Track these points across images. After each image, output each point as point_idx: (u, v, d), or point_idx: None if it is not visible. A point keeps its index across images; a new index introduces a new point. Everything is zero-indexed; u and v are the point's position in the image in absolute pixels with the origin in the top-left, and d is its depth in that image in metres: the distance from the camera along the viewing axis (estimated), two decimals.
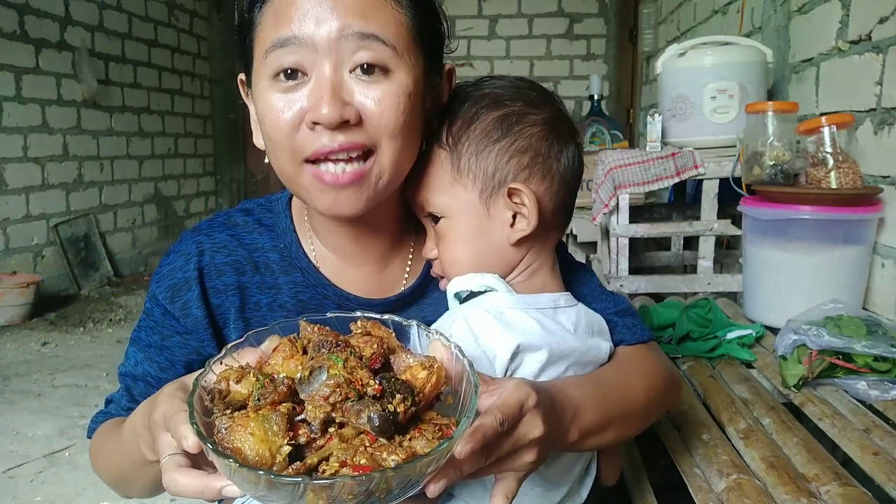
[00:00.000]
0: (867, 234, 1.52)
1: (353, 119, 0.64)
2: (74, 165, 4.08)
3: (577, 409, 0.66)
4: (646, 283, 2.02)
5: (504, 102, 0.73)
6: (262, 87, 0.67)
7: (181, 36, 5.32)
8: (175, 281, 0.76)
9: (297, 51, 0.64)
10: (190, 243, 0.78)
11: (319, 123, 0.64)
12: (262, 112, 0.68)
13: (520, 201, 0.71)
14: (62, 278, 3.90)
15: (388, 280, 0.81)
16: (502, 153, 0.71)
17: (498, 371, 0.65)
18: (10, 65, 3.55)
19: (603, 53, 5.39)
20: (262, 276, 0.77)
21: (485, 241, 0.72)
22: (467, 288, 0.72)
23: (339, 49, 0.64)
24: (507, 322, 0.67)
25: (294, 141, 0.66)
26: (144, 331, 0.79)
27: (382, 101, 0.65)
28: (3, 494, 1.78)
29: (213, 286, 0.76)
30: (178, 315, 0.76)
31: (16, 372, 2.69)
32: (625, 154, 2.04)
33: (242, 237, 0.78)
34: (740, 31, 2.48)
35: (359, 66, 0.65)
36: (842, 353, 1.22)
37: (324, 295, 0.78)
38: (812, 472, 0.92)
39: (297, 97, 0.65)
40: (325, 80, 0.64)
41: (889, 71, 1.51)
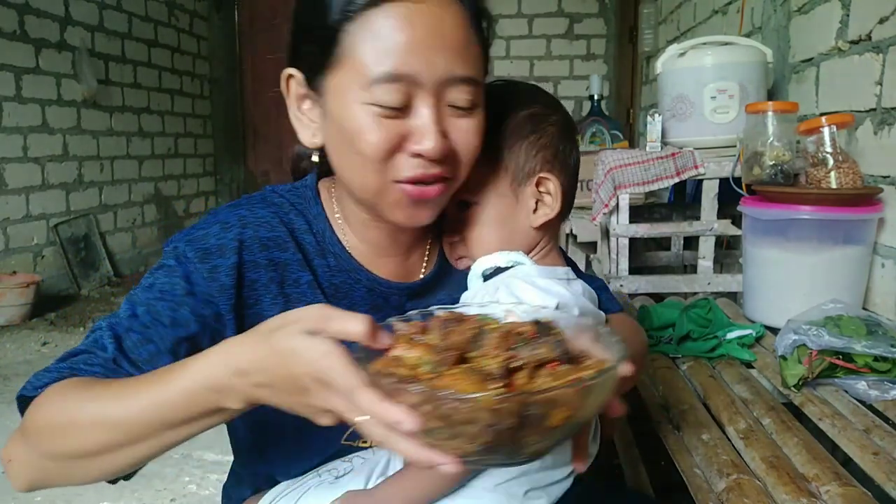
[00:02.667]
0: (867, 234, 1.52)
1: (448, 153, 0.71)
2: (74, 165, 4.08)
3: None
4: (646, 283, 2.02)
5: (528, 104, 0.82)
6: (353, 102, 0.69)
7: (181, 36, 5.33)
8: (209, 245, 0.74)
9: (405, 88, 0.68)
10: (230, 215, 0.77)
11: (422, 156, 0.69)
12: (354, 129, 0.69)
13: (545, 190, 0.81)
14: (62, 278, 3.90)
15: (410, 268, 0.87)
16: (531, 147, 0.80)
17: None
18: (10, 65, 3.55)
19: (603, 53, 5.38)
20: (302, 254, 0.79)
21: (512, 224, 0.81)
22: (495, 264, 0.79)
23: (441, 88, 0.69)
24: (541, 287, 0.75)
25: (388, 164, 0.70)
26: (158, 281, 0.73)
27: (469, 134, 0.72)
28: (3, 494, 1.78)
29: (253, 260, 0.76)
30: (204, 276, 0.73)
31: (16, 372, 2.69)
32: (625, 154, 2.04)
33: (281, 215, 0.80)
34: (740, 31, 2.48)
35: (455, 105, 0.71)
36: (842, 353, 1.22)
37: (355, 279, 0.81)
38: (812, 472, 0.92)
39: (397, 125, 0.69)
40: (430, 116, 0.69)
41: (889, 71, 1.51)
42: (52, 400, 0.65)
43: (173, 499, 1.76)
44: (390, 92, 0.67)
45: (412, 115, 0.69)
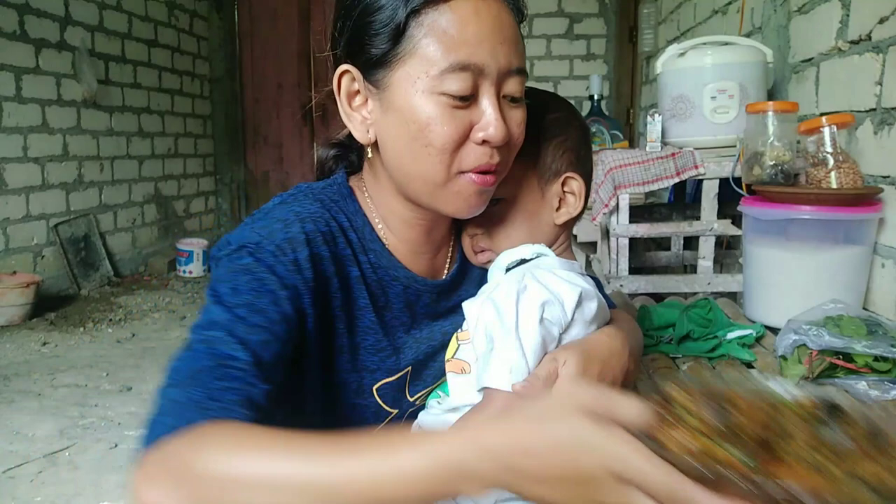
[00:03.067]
0: (867, 234, 1.52)
1: (508, 140, 0.75)
2: (74, 165, 4.08)
3: (629, 345, 0.80)
4: (646, 283, 2.02)
5: (553, 107, 0.87)
6: (423, 97, 0.71)
7: (181, 36, 5.32)
8: (279, 242, 0.71)
9: (473, 78, 0.71)
10: (284, 212, 0.75)
11: (489, 142, 0.73)
12: (424, 120, 0.71)
13: (569, 189, 0.85)
14: (62, 278, 3.90)
15: (438, 265, 0.90)
16: (558, 148, 0.85)
17: (568, 314, 0.76)
18: (10, 65, 3.55)
19: (603, 53, 5.38)
20: (351, 249, 0.80)
21: (536, 220, 0.86)
22: (520, 257, 0.83)
23: (501, 80, 0.73)
24: (564, 278, 0.79)
25: (456, 154, 0.73)
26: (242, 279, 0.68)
27: (520, 123, 0.77)
28: (3, 494, 1.78)
29: (319, 253, 0.75)
30: (289, 269, 0.70)
31: (16, 372, 2.69)
32: (625, 154, 2.04)
33: (330, 210, 0.79)
34: (740, 31, 2.48)
35: (510, 96, 0.75)
36: (842, 354, 1.22)
37: (393, 277, 0.83)
38: None
39: (464, 114, 0.72)
40: (495, 104, 0.73)
41: (889, 71, 1.51)
42: (217, 448, 0.54)
43: None
44: (460, 81, 0.70)
45: (477, 104, 0.73)
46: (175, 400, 0.59)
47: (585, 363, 0.73)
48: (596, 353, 0.76)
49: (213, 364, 0.61)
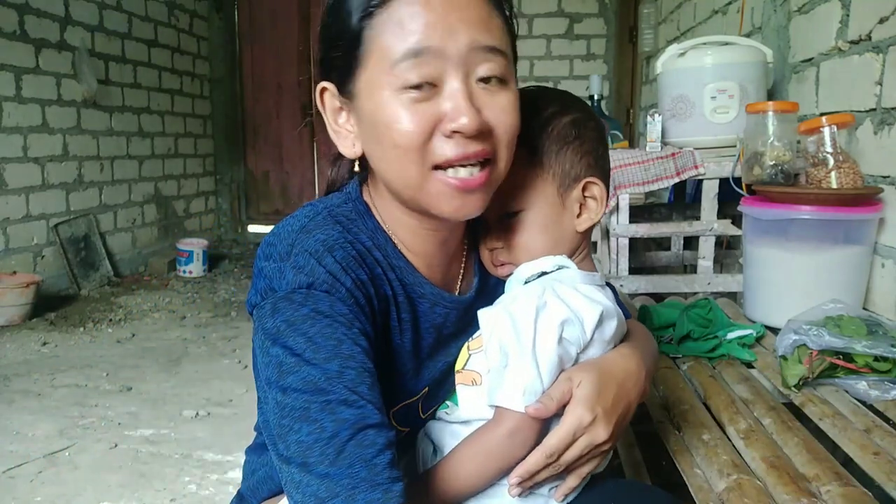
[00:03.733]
0: (867, 234, 1.52)
1: (485, 128, 0.69)
2: (74, 165, 4.08)
3: (646, 365, 0.79)
4: (646, 283, 2.02)
5: (569, 109, 0.82)
6: (384, 96, 0.68)
7: (181, 36, 5.32)
8: (321, 277, 0.68)
9: (430, 62, 0.66)
10: (311, 242, 0.71)
11: (459, 132, 0.67)
12: (387, 121, 0.68)
13: (590, 194, 0.82)
14: (62, 278, 3.90)
15: (452, 278, 0.86)
16: (576, 152, 0.81)
17: (588, 334, 0.74)
18: (10, 65, 3.55)
19: (603, 53, 5.38)
20: (381, 268, 0.76)
21: (557, 229, 0.82)
22: (540, 269, 0.79)
23: (467, 62, 0.68)
24: (586, 295, 0.76)
25: (426, 150, 0.68)
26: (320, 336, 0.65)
27: (505, 109, 0.70)
28: (3, 494, 1.78)
29: (357, 277, 0.71)
30: (345, 301, 0.68)
31: (16, 372, 2.68)
32: (625, 154, 2.04)
33: (350, 234, 0.75)
34: (740, 31, 2.48)
35: (484, 79, 0.69)
36: (842, 353, 1.22)
37: (420, 294, 0.79)
38: (812, 472, 0.92)
39: (428, 107, 0.67)
40: (460, 90, 0.67)
41: (889, 71, 1.51)
42: None
43: (173, 499, 1.76)
44: (414, 68, 0.66)
45: (443, 94, 0.68)
46: (338, 482, 0.60)
47: (601, 385, 0.72)
48: (612, 374, 0.74)
49: (350, 432, 0.62)
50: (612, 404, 0.72)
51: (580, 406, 0.70)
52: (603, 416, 0.71)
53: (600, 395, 0.71)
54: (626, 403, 0.75)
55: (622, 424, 0.75)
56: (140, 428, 2.17)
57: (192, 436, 2.07)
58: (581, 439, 0.71)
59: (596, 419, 0.71)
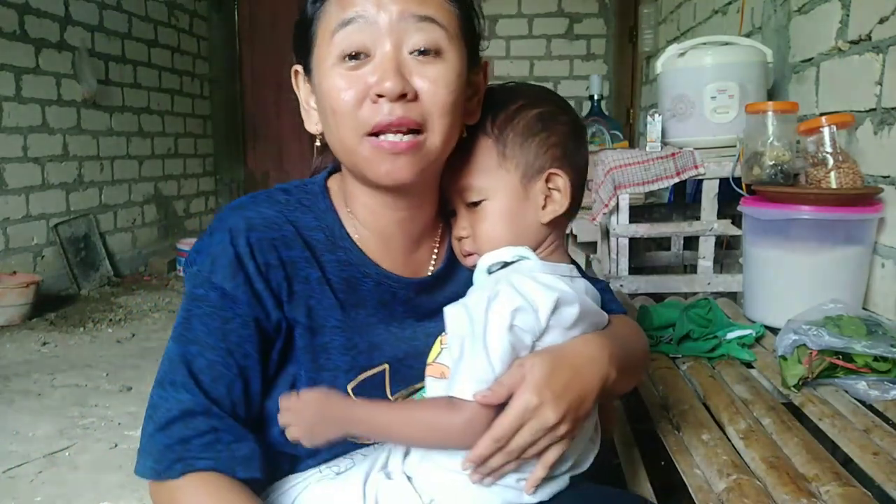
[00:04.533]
0: (867, 234, 1.52)
1: (410, 94, 0.71)
2: (74, 165, 4.08)
3: (611, 351, 0.77)
4: (646, 283, 2.02)
5: (540, 102, 0.84)
6: (326, 68, 0.74)
7: (181, 36, 5.32)
8: (230, 258, 0.75)
9: (362, 29, 0.71)
10: (237, 219, 0.78)
11: (383, 96, 0.71)
12: (327, 90, 0.74)
13: (554, 186, 0.82)
14: (62, 278, 3.90)
15: (419, 262, 0.88)
16: (541, 145, 0.81)
17: (542, 321, 0.74)
18: (10, 65, 3.55)
19: (603, 53, 5.38)
20: (310, 252, 0.80)
21: (521, 220, 0.82)
22: (502, 259, 0.80)
23: (399, 30, 0.72)
24: (543, 283, 0.76)
25: (357, 115, 0.72)
26: (198, 320, 0.75)
27: (436, 80, 0.73)
28: (3, 494, 1.78)
29: (266, 261, 0.77)
30: (238, 293, 0.75)
31: (16, 372, 2.69)
32: (625, 154, 2.04)
33: (287, 214, 0.80)
34: (740, 31, 2.48)
35: (416, 49, 0.72)
36: (842, 353, 1.22)
37: (364, 273, 0.82)
38: (812, 472, 0.92)
39: (361, 74, 0.72)
40: (388, 57, 0.71)
41: (889, 71, 1.51)
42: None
43: None
44: (347, 37, 0.72)
45: (373, 62, 0.72)
46: (155, 441, 0.73)
47: (553, 370, 0.72)
48: (567, 360, 0.74)
49: (180, 412, 0.73)
50: (563, 387, 0.72)
51: (527, 390, 0.70)
52: (552, 399, 0.71)
53: (550, 379, 0.71)
54: (580, 387, 0.73)
55: (579, 409, 0.73)
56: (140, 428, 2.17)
57: None
58: (530, 423, 0.71)
59: (543, 402, 0.70)
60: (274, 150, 5.91)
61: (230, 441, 0.73)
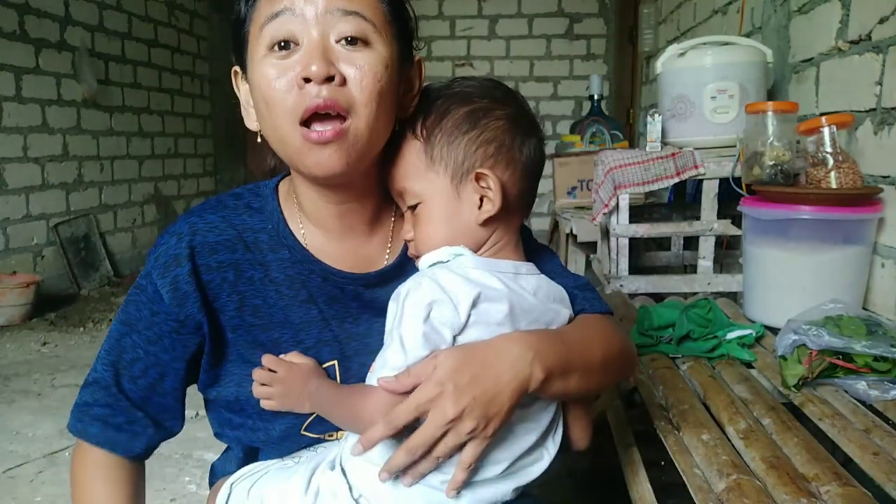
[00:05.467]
0: (867, 234, 1.52)
1: (338, 79, 0.72)
2: (74, 165, 4.08)
3: (541, 351, 0.74)
4: (646, 283, 2.02)
5: (472, 99, 0.81)
6: (258, 60, 0.75)
7: (181, 36, 5.32)
8: (167, 259, 0.81)
9: (290, 21, 0.73)
10: (183, 224, 0.83)
11: (309, 79, 0.72)
12: (258, 81, 0.75)
13: (486, 185, 0.79)
14: (62, 278, 3.90)
15: (370, 257, 0.88)
16: (470, 143, 0.79)
17: (462, 315, 0.73)
18: (10, 65, 3.55)
19: (603, 53, 5.38)
20: (252, 253, 0.83)
21: (456, 222, 0.80)
22: (439, 259, 0.79)
23: (325, 21, 0.73)
24: (469, 277, 0.75)
25: (287, 102, 0.73)
26: (133, 305, 0.83)
27: (363, 67, 0.74)
28: (3, 494, 1.78)
29: (205, 263, 0.81)
30: (167, 290, 0.80)
31: (16, 372, 2.69)
32: (625, 154, 2.04)
33: (232, 219, 0.84)
34: (740, 31, 2.48)
35: (343, 38, 0.74)
36: (842, 353, 1.22)
37: (310, 270, 0.84)
38: (812, 472, 0.92)
39: (290, 63, 0.73)
40: (315, 43, 0.73)
41: (889, 71, 1.51)
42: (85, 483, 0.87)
43: (173, 499, 1.76)
44: (274, 28, 0.73)
45: (301, 50, 0.74)
46: (78, 404, 0.86)
47: (461, 363, 0.70)
48: (480, 354, 0.71)
49: (91, 380, 0.85)
50: (468, 381, 0.69)
51: (429, 380, 0.69)
52: (452, 392, 0.69)
53: (456, 372, 0.69)
54: (490, 385, 0.70)
55: (488, 406, 0.70)
56: None
57: (192, 436, 2.07)
58: (430, 416, 0.69)
59: (443, 394, 0.69)
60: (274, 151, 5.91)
61: (120, 422, 0.84)
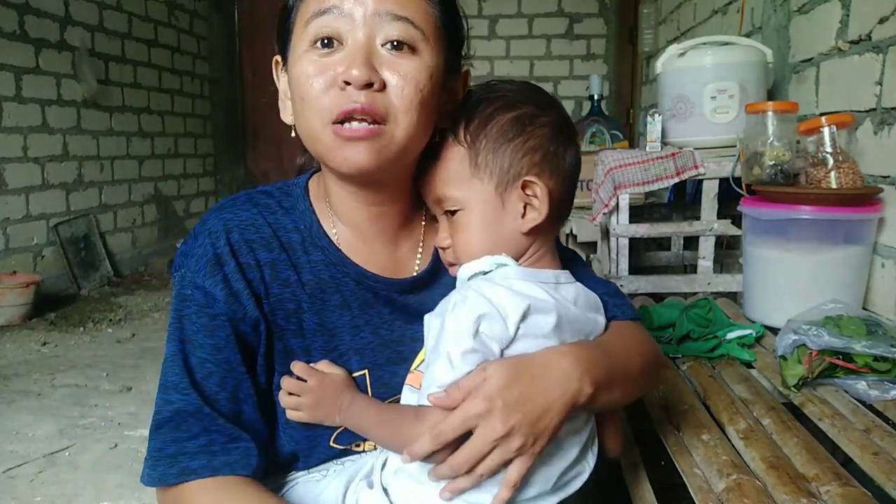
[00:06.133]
0: (867, 234, 1.52)
1: (377, 84, 0.70)
2: (74, 165, 4.08)
3: (588, 364, 0.72)
4: (646, 283, 2.02)
5: (517, 105, 0.79)
6: (299, 54, 0.73)
7: (181, 36, 5.32)
8: (209, 257, 0.76)
9: (337, 19, 0.71)
10: (216, 221, 0.79)
11: (349, 83, 0.69)
12: (297, 76, 0.73)
13: (532, 193, 0.77)
14: (62, 278, 3.90)
15: (402, 261, 0.86)
16: (517, 150, 0.77)
17: (511, 329, 0.71)
18: (10, 65, 3.55)
19: (603, 53, 5.38)
20: (287, 253, 0.80)
21: (499, 230, 0.78)
22: (480, 269, 0.77)
23: (373, 23, 0.71)
24: (515, 289, 0.73)
25: (323, 101, 0.71)
26: (186, 319, 0.76)
27: (406, 75, 0.71)
28: (3, 494, 1.78)
29: (246, 262, 0.77)
30: (220, 289, 0.76)
31: (16, 372, 2.69)
32: (625, 154, 2.04)
33: (266, 216, 0.81)
34: (740, 31, 2.48)
35: (389, 42, 0.71)
36: (842, 353, 1.22)
37: (343, 273, 0.81)
38: (812, 472, 0.92)
39: (331, 62, 0.71)
40: (359, 45, 0.70)
41: (889, 71, 1.51)
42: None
43: None
44: (319, 25, 0.71)
45: (344, 50, 0.71)
46: (150, 446, 0.74)
47: (511, 378, 0.68)
48: (531, 369, 0.69)
49: (170, 413, 0.74)
50: (518, 397, 0.67)
51: (478, 395, 0.67)
52: (502, 409, 0.67)
53: (506, 388, 0.67)
54: (541, 400, 0.69)
55: (536, 423, 0.68)
56: (140, 428, 2.17)
57: None
58: (477, 431, 0.67)
59: (492, 410, 0.67)
60: (274, 150, 5.91)
61: (224, 442, 0.73)
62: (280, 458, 0.85)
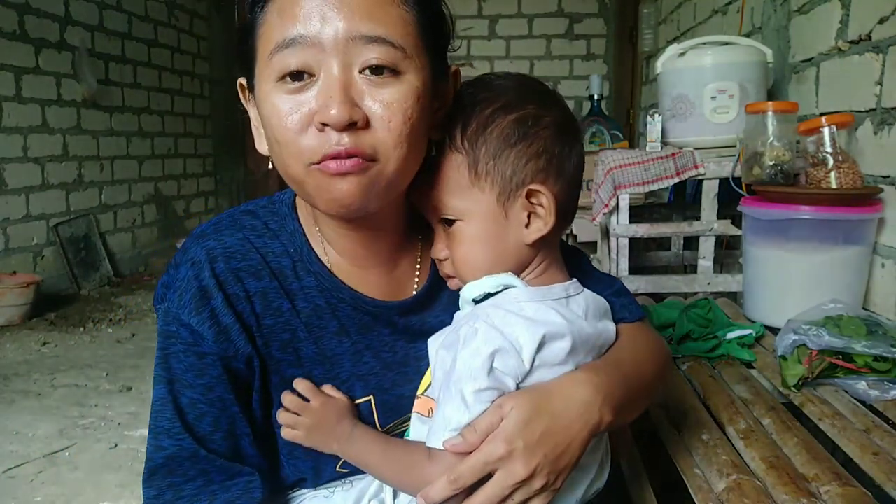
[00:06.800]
0: (867, 234, 1.52)
1: (360, 122, 0.62)
2: (74, 165, 4.08)
3: (608, 390, 0.69)
4: (646, 283, 2.02)
5: (518, 105, 0.72)
6: (266, 90, 0.65)
7: (181, 36, 5.33)
8: (194, 292, 0.70)
9: (304, 51, 0.62)
10: (198, 250, 0.72)
11: (328, 124, 0.62)
12: (267, 115, 0.65)
13: (537, 202, 0.71)
14: (62, 278, 3.90)
15: (399, 282, 0.80)
16: (520, 156, 0.70)
17: (526, 363, 0.66)
18: (10, 65, 3.55)
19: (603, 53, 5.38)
20: (278, 280, 0.74)
21: (501, 242, 0.72)
22: (484, 291, 0.71)
23: (346, 50, 0.62)
24: (528, 316, 0.67)
25: (301, 144, 0.63)
26: (173, 358, 0.71)
27: (391, 104, 0.63)
28: (3, 494, 1.78)
29: (234, 293, 0.71)
30: (207, 327, 0.70)
31: (16, 372, 2.69)
32: (625, 154, 2.04)
33: (253, 240, 0.74)
34: (740, 31, 2.48)
35: (368, 67, 0.63)
36: (842, 353, 1.22)
37: (339, 299, 0.75)
38: (812, 472, 0.92)
39: (304, 98, 0.63)
40: (335, 79, 0.62)
41: (889, 71, 1.51)
42: None
43: None
44: (286, 57, 0.62)
45: (318, 84, 0.63)
46: (156, 497, 0.70)
47: (531, 415, 0.64)
48: (550, 404, 0.65)
49: (163, 460, 0.70)
50: (539, 437, 0.63)
51: (497, 437, 0.63)
52: (523, 451, 0.63)
53: (527, 427, 0.63)
54: (562, 437, 0.65)
55: (557, 461, 0.65)
56: (140, 428, 2.17)
57: None
58: (497, 475, 0.64)
59: (513, 453, 0.63)
60: None
61: (223, 480, 0.70)
62: (285, 486, 0.82)
